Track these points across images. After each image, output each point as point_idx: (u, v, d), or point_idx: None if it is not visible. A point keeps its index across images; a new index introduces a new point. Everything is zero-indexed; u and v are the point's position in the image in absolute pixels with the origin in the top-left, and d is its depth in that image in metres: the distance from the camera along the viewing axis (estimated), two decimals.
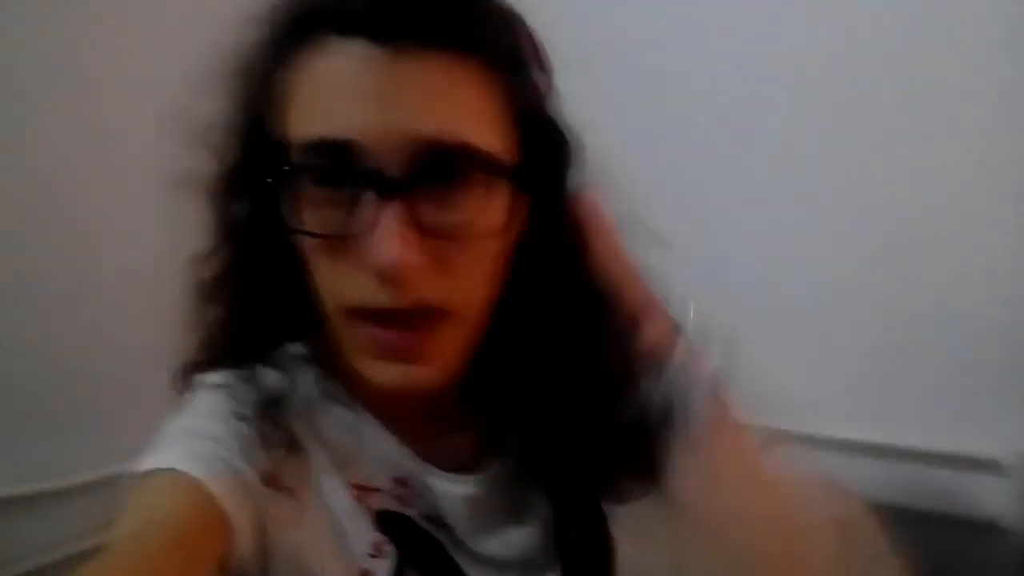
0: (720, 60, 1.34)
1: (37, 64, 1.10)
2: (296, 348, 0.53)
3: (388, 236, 0.41)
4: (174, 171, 0.49)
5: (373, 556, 0.50)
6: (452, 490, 0.52)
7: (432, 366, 0.45)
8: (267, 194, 0.46)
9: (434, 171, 0.42)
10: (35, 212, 1.09)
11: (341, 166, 0.42)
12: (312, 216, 0.43)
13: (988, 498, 1.14)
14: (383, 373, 0.44)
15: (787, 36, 1.28)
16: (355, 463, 0.51)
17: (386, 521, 0.51)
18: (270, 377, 0.51)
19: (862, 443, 1.24)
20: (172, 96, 0.46)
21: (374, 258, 0.41)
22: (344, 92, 0.42)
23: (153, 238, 0.51)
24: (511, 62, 0.44)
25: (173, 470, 0.44)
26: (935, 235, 1.21)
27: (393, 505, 0.52)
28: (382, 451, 0.52)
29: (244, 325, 0.51)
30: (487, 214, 0.44)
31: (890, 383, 1.25)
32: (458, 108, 0.42)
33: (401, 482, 0.52)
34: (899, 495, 1.21)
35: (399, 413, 0.52)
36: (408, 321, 0.43)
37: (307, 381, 0.52)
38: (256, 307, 0.51)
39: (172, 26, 1.18)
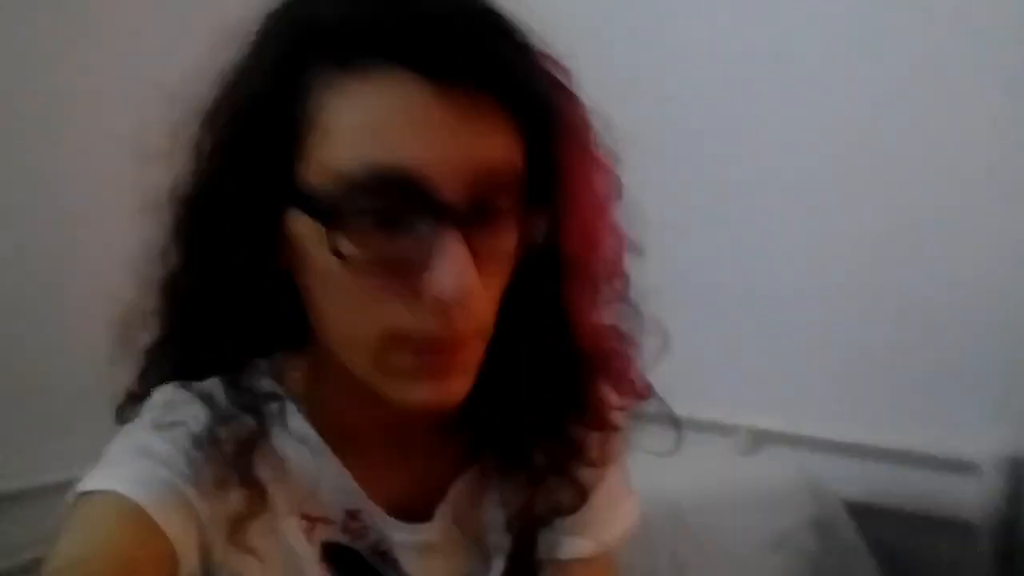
0: (718, 52, 1.34)
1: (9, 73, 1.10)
2: (259, 369, 0.52)
3: (454, 266, 0.41)
4: (143, 185, 0.48)
5: None
6: (402, 536, 0.53)
7: (463, 380, 0.46)
8: (254, 215, 0.45)
9: (490, 199, 0.43)
10: None
11: (398, 196, 0.42)
12: (354, 244, 0.42)
13: (963, 499, 1.15)
14: (419, 393, 0.44)
15: (786, 29, 1.28)
16: (309, 493, 0.51)
17: (331, 553, 0.51)
18: (230, 400, 0.49)
19: (841, 443, 1.25)
20: (151, 108, 0.45)
21: (439, 288, 0.41)
22: (399, 122, 0.42)
23: (119, 245, 0.48)
24: (536, 113, 0.45)
25: (117, 493, 0.43)
26: (919, 241, 1.21)
27: (342, 538, 0.52)
28: (337, 483, 0.51)
29: (206, 345, 0.50)
30: (515, 233, 0.46)
31: (871, 384, 1.26)
32: (501, 138, 0.43)
33: (352, 515, 0.52)
34: (877, 495, 1.21)
35: (360, 447, 0.52)
36: (451, 343, 0.44)
37: (268, 407, 0.50)
38: (222, 328, 0.49)
39: (162, 34, 1.18)
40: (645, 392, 0.56)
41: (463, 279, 0.41)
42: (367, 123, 0.42)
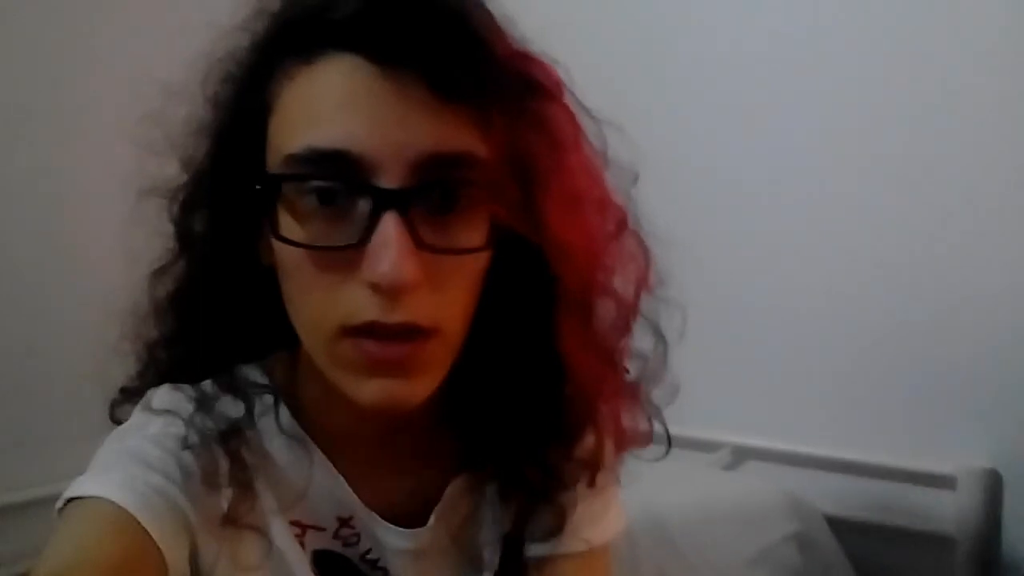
0: (720, 63, 1.34)
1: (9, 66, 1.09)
2: (250, 371, 0.52)
3: (386, 249, 0.40)
4: (138, 179, 0.48)
5: None
6: (395, 542, 0.52)
7: (418, 382, 0.44)
8: (236, 207, 0.45)
9: (432, 183, 0.42)
10: None
11: (337, 177, 0.41)
12: (301, 229, 0.42)
13: (941, 513, 1.16)
14: (370, 390, 0.43)
15: (793, 39, 1.29)
16: (302, 500, 0.50)
17: (322, 561, 0.50)
18: (222, 402, 0.49)
19: (822, 458, 1.26)
20: (144, 102, 0.46)
21: (371, 271, 0.40)
22: (339, 104, 0.41)
23: (106, 252, 0.49)
24: (491, 104, 0.43)
25: (107, 500, 0.42)
26: (900, 261, 1.22)
27: (333, 545, 0.51)
28: (329, 490, 0.51)
29: (199, 344, 0.50)
30: (477, 230, 0.44)
31: (850, 401, 1.27)
32: (451, 127, 0.42)
33: (345, 522, 0.51)
34: (856, 509, 1.23)
35: (352, 452, 0.51)
36: (398, 336, 0.42)
37: (259, 410, 0.50)
38: (214, 325, 0.49)
39: (147, 31, 1.17)
40: (638, 442, 0.54)
41: (398, 264, 0.40)
42: (309, 105, 0.42)
